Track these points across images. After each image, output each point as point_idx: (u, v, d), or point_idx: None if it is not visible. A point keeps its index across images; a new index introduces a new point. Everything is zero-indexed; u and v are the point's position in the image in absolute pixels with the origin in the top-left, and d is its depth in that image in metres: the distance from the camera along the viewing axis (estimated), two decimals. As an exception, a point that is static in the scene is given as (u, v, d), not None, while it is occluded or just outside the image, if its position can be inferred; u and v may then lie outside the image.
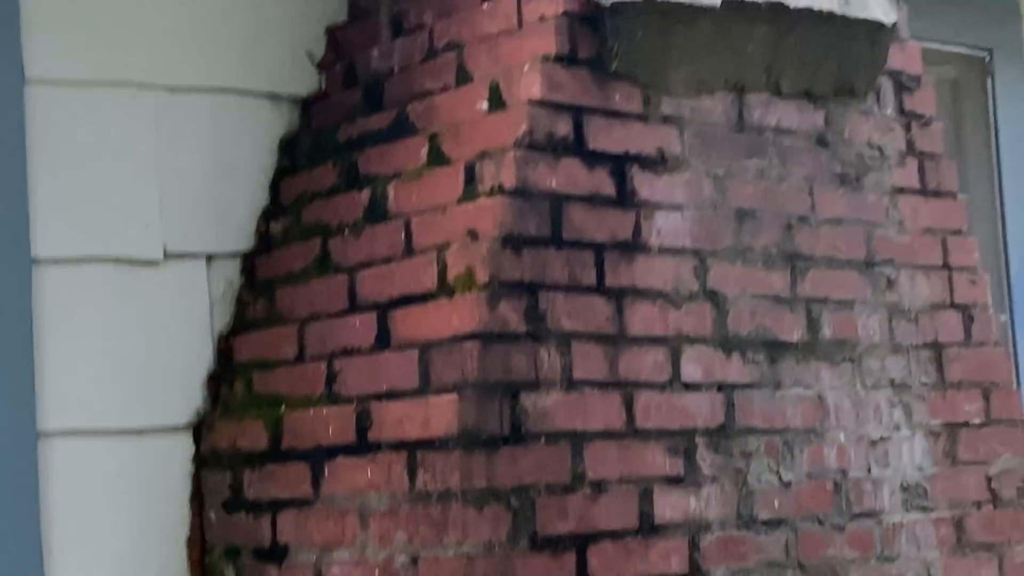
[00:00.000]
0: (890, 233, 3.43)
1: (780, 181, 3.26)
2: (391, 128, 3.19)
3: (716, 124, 3.17)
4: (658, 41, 3.06)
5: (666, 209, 3.04)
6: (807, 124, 3.34)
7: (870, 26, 3.40)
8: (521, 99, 2.92)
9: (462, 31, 3.17)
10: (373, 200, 3.11)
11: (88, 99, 3.18)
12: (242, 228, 3.36)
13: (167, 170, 3.26)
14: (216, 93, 3.36)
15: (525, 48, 2.99)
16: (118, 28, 3.24)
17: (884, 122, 3.49)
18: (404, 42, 3.31)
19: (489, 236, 2.82)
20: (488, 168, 2.89)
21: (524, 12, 3.04)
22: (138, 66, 3.25)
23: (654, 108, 3.07)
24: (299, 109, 3.49)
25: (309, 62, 3.51)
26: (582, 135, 2.95)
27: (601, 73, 3.01)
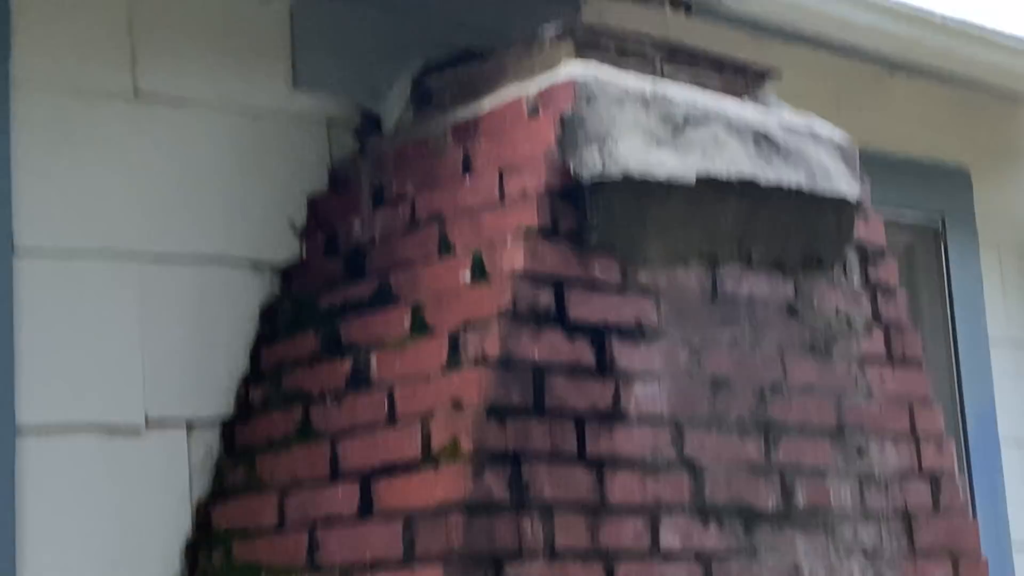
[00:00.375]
0: (859, 401, 3.50)
1: (753, 350, 3.34)
2: (374, 297, 3.25)
3: (691, 294, 3.26)
4: (635, 216, 3.16)
5: (644, 378, 3.10)
6: (778, 294, 3.43)
7: (836, 201, 3.52)
8: (504, 271, 3.00)
9: (444, 203, 3.25)
10: (356, 368, 3.16)
11: (74, 268, 3.22)
12: (222, 395, 3.39)
13: (150, 337, 3.30)
14: (199, 261, 3.41)
15: (508, 221, 3.07)
16: (105, 197, 3.30)
17: (851, 292, 3.59)
18: (386, 212, 3.39)
19: (473, 406, 2.86)
20: (472, 338, 2.94)
21: (507, 186, 3.13)
22: (124, 235, 3.30)
23: (632, 279, 3.15)
24: (280, 277, 3.54)
25: (291, 231, 3.57)
26: (563, 306, 3.02)
27: (581, 246, 3.09)
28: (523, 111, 3.25)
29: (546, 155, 3.09)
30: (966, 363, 5.27)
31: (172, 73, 3.44)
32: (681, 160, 3.23)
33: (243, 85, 3.56)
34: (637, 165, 3.12)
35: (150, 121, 3.40)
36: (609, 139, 3.13)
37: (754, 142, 3.41)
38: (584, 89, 3.16)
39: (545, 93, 3.22)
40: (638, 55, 3.49)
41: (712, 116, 3.37)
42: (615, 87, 3.22)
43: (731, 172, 3.29)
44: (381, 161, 3.55)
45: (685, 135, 3.29)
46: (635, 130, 3.19)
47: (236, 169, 3.52)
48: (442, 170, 3.33)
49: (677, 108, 3.31)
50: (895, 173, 5.05)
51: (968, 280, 5.36)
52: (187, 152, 3.45)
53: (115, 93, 3.35)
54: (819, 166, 3.52)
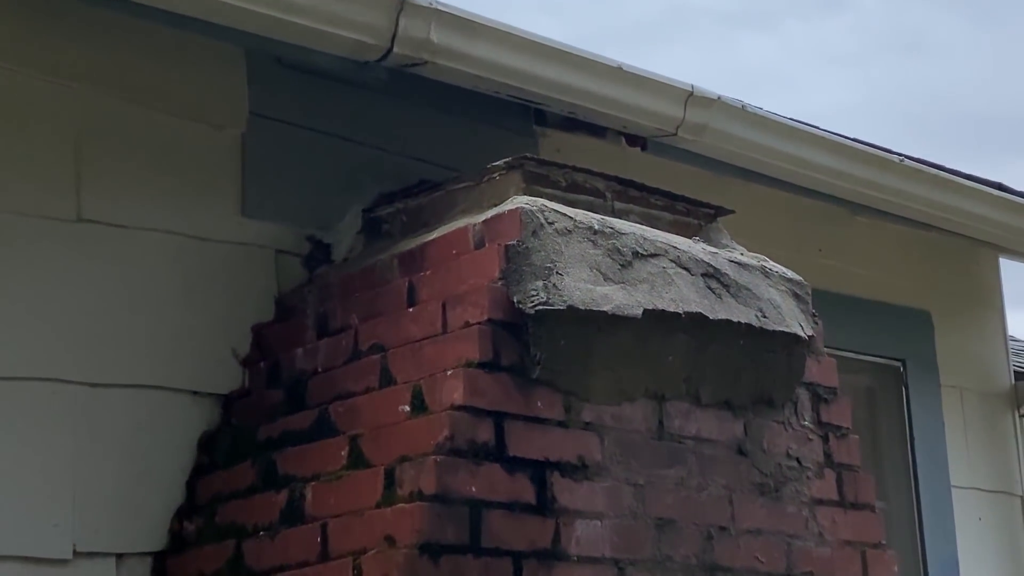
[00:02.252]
0: (810, 545, 3.43)
1: (700, 490, 3.27)
2: (312, 428, 3.18)
3: (636, 432, 3.19)
4: (580, 349, 3.11)
5: (586, 517, 3.03)
6: (726, 433, 3.37)
7: (787, 339, 3.48)
8: (443, 403, 2.94)
9: (387, 334, 3.20)
10: (291, 501, 3.08)
11: (7, 394, 3.15)
12: (155, 527, 3.30)
13: (83, 466, 3.22)
14: (137, 389, 3.35)
15: (449, 353, 3.02)
16: (42, 322, 3.24)
17: (802, 433, 3.53)
18: (329, 343, 3.34)
19: (406, 543, 2.78)
20: (408, 472, 2.88)
21: (449, 318, 3.08)
22: (60, 362, 3.24)
23: (575, 415, 3.09)
24: (221, 406, 3.47)
25: (233, 360, 3.51)
26: (503, 441, 2.96)
27: (523, 380, 3.04)
28: (469, 242, 3.22)
29: (489, 287, 3.05)
30: (928, 508, 5.19)
31: (118, 198, 3.41)
32: (628, 295, 3.19)
33: (191, 212, 3.53)
34: (583, 299, 3.08)
35: (94, 245, 3.35)
36: (555, 272, 3.09)
37: (704, 278, 3.38)
38: (531, 220, 3.13)
39: (491, 224, 3.19)
40: (588, 190, 3.47)
41: (662, 251, 3.34)
42: (563, 219, 3.19)
43: (679, 308, 3.25)
44: (327, 290, 3.51)
45: (633, 269, 3.26)
46: (582, 263, 3.16)
47: (180, 297, 3.47)
48: (387, 300, 3.29)
49: (626, 242, 3.28)
50: (856, 314, 5.03)
51: (930, 423, 5.31)
52: (130, 279, 3.40)
53: (59, 216, 3.31)
54: (770, 304, 3.49)
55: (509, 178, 3.35)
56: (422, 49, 3.50)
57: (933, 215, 4.92)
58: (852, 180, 4.61)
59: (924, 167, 4.79)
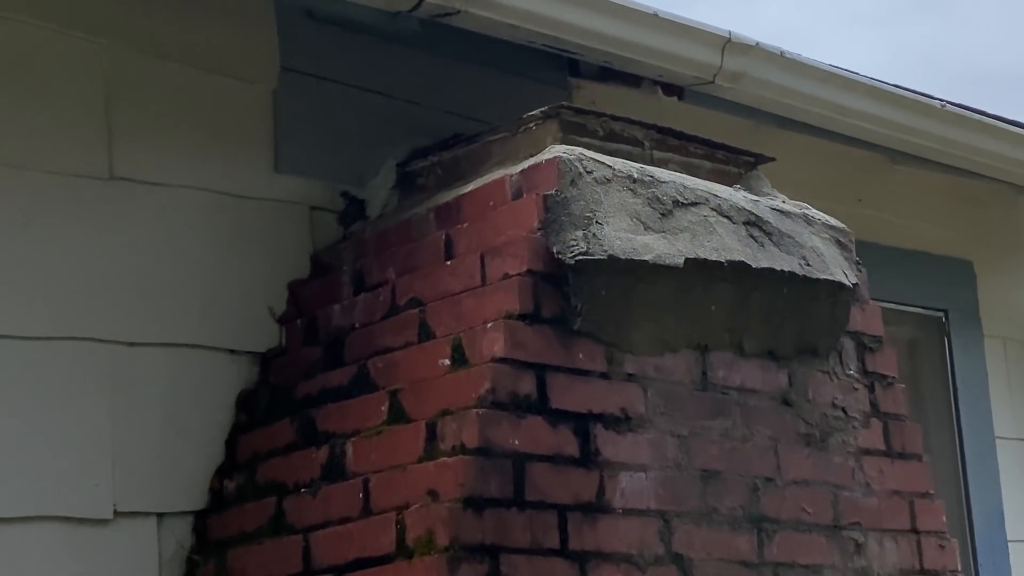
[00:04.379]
0: (856, 496, 3.38)
1: (745, 441, 3.22)
2: (351, 384, 3.14)
3: (680, 383, 3.14)
4: (621, 300, 3.06)
5: (630, 469, 2.98)
6: (771, 384, 3.31)
7: (831, 287, 3.42)
8: (484, 357, 2.89)
9: (425, 288, 3.15)
10: (331, 458, 3.04)
11: (44, 354, 3.12)
12: (195, 486, 3.27)
13: (121, 426, 3.19)
14: (174, 348, 3.31)
15: (488, 306, 2.97)
16: (77, 282, 3.20)
17: (847, 383, 3.47)
18: (366, 298, 3.29)
19: (450, 497, 2.74)
20: (450, 426, 2.83)
21: (488, 270, 3.03)
22: (96, 321, 3.20)
23: (617, 367, 3.04)
24: (258, 364, 3.43)
25: (270, 317, 3.47)
26: (545, 394, 2.91)
27: (564, 331, 2.99)
28: (506, 193, 3.16)
29: (529, 237, 3.00)
30: (972, 460, 5.14)
31: (150, 155, 3.37)
32: (669, 244, 3.13)
33: (224, 169, 3.48)
34: (623, 248, 3.03)
35: (126, 204, 3.31)
36: (594, 221, 3.04)
37: (745, 226, 3.32)
38: (569, 169, 3.08)
39: (528, 174, 3.14)
40: (627, 139, 3.41)
41: (702, 200, 3.28)
42: (601, 168, 3.13)
43: (721, 256, 3.19)
44: (363, 246, 3.47)
45: (674, 218, 3.20)
46: (621, 212, 3.10)
47: (215, 255, 3.43)
48: (423, 254, 3.24)
49: (666, 191, 3.22)
50: (896, 265, 4.96)
51: (973, 374, 5.24)
52: (164, 237, 3.36)
53: (90, 175, 3.27)
54: (813, 251, 3.42)
55: (545, 128, 3.29)
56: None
57: (974, 161, 4.83)
58: (892, 126, 4.52)
59: (965, 112, 4.70)
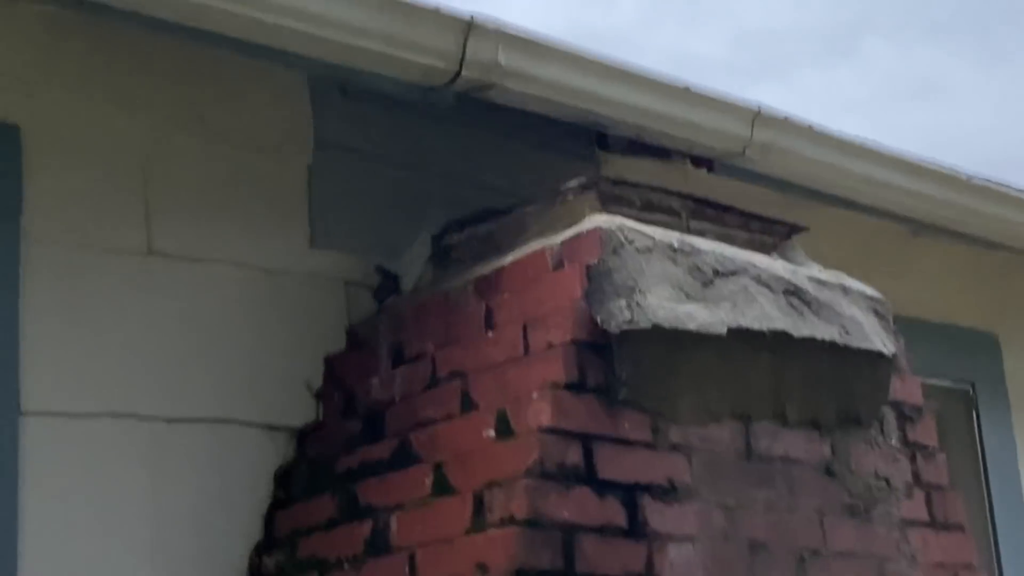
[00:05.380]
0: (902, 567, 3.33)
1: (790, 512, 3.18)
2: (393, 457, 3.11)
3: (724, 453, 3.12)
4: (665, 369, 3.04)
5: (678, 541, 2.95)
6: (814, 454, 3.28)
7: (871, 357, 3.40)
8: (531, 427, 2.87)
9: (466, 359, 3.13)
10: (375, 532, 3.01)
11: (83, 430, 3.10)
12: (234, 563, 3.23)
13: (160, 502, 3.16)
14: (212, 424, 3.29)
15: (533, 376, 2.95)
16: (116, 357, 3.19)
17: (889, 453, 3.44)
18: (405, 371, 3.27)
19: (500, 569, 2.71)
20: (498, 497, 2.80)
21: (531, 340, 3.02)
22: (134, 396, 3.19)
23: (662, 436, 3.02)
24: (295, 439, 3.41)
25: (307, 392, 3.45)
26: (592, 464, 2.88)
27: (609, 401, 2.96)
28: (547, 263, 3.15)
29: (572, 307, 2.98)
30: (1003, 532, 5.09)
31: (187, 230, 3.37)
32: (711, 313, 3.12)
33: (260, 244, 3.48)
34: (667, 317, 3.02)
35: (164, 279, 3.30)
36: (637, 291, 3.03)
37: (785, 296, 3.31)
38: (611, 239, 3.07)
39: (570, 244, 3.13)
40: (663, 209, 3.41)
41: (741, 269, 3.27)
42: (642, 238, 3.13)
43: (763, 325, 3.18)
44: (400, 319, 3.45)
45: (715, 288, 3.19)
46: (664, 282, 3.09)
47: (252, 329, 3.42)
48: (463, 325, 3.22)
49: (706, 260, 3.21)
50: (922, 338, 4.92)
51: (1001, 446, 5.20)
52: (201, 311, 3.35)
53: (129, 249, 3.26)
54: (852, 321, 3.41)
55: (583, 199, 3.29)
56: (490, 72, 3.45)
57: (1000, 232, 4.83)
58: (919, 198, 4.53)
59: (991, 184, 4.70)
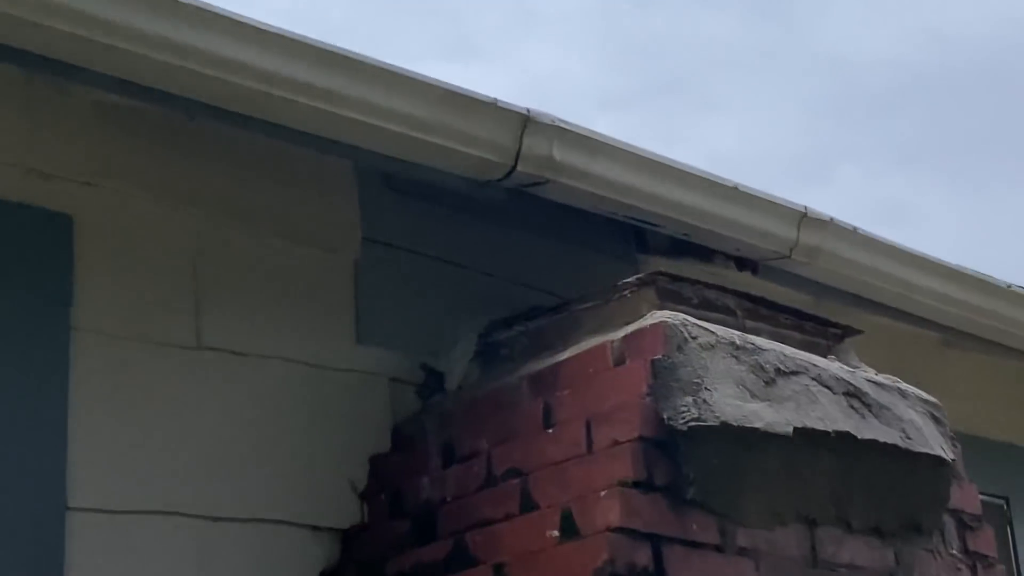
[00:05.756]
0: (967, 678, 3.23)
1: (856, 620, 3.09)
2: (449, 559, 3.02)
3: (791, 559, 3.03)
4: (732, 469, 2.96)
5: (747, 647, 2.85)
6: (878, 562, 3.19)
7: (932, 462, 3.32)
8: (598, 526, 2.78)
9: (524, 457, 3.05)
10: (433, 636, 2.90)
11: (129, 529, 2.99)
12: (281, 667, 3.12)
13: (205, 603, 3.05)
14: (258, 524, 3.19)
15: (598, 474, 2.87)
16: (163, 454, 3.09)
17: (951, 562, 3.36)
18: (458, 470, 3.19)
19: (570, 674, 2.60)
20: (567, 600, 2.71)
21: (595, 437, 2.94)
22: (181, 495, 3.09)
23: (730, 539, 2.93)
24: (340, 541, 3.30)
25: (352, 492, 3.35)
26: (662, 566, 2.79)
27: (677, 501, 2.88)
28: (608, 358, 3.08)
29: (638, 403, 2.91)
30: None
31: (236, 324, 3.29)
32: (776, 412, 3.05)
33: (307, 339, 3.40)
34: (734, 415, 2.94)
35: (212, 373, 3.22)
36: (703, 387, 2.96)
37: (846, 397, 3.24)
38: (675, 335, 3.00)
39: (632, 339, 3.06)
40: (719, 307, 3.35)
41: (802, 369, 3.21)
42: (705, 334, 3.06)
43: (828, 426, 3.10)
44: (449, 417, 3.37)
45: (777, 387, 3.12)
46: (728, 379, 3.02)
47: (297, 426, 3.33)
48: (520, 422, 3.14)
49: (768, 359, 3.15)
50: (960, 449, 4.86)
51: (1036, 561, 5.11)
52: (248, 407, 3.26)
53: (178, 343, 3.18)
54: (911, 425, 3.34)
55: (641, 295, 3.23)
56: (544, 167, 3.40)
57: (1037, 343, 4.78)
58: (957, 305, 4.48)
59: (1028, 292, 4.66)
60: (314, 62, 3.01)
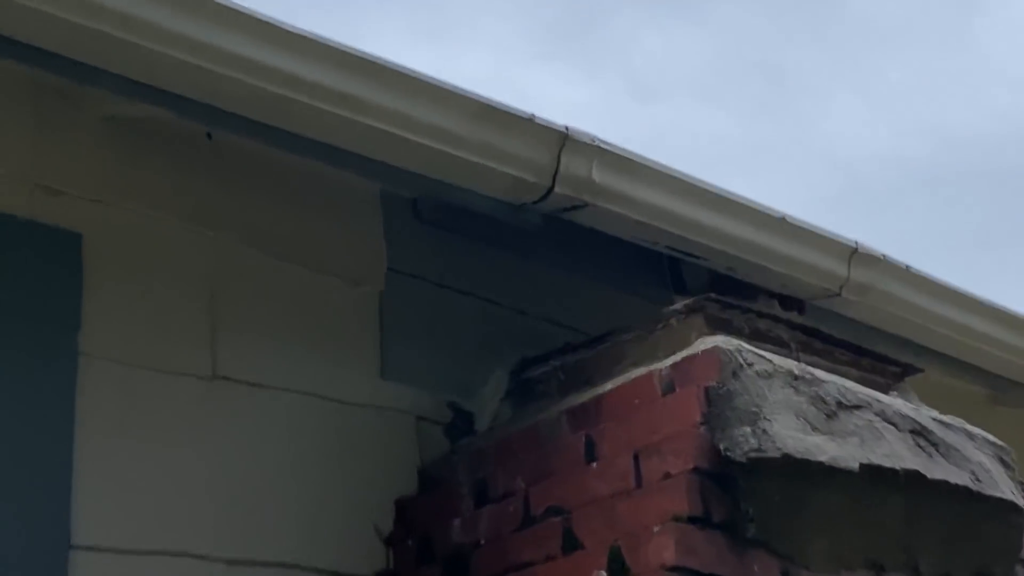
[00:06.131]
0: None
1: (928, 676, 2.83)
2: (485, 604, 2.77)
3: (858, 607, 2.77)
4: (794, 506, 2.72)
5: None
6: (949, 613, 2.94)
7: (1003, 507, 3.08)
8: (651, 565, 2.54)
9: (565, 494, 2.82)
10: None
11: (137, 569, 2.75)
12: None
13: (216, 652, 2.79)
14: (276, 568, 2.95)
15: (649, 509, 2.63)
16: (173, 490, 2.86)
17: (1025, 616, 3.10)
18: (492, 511, 2.95)
19: None
20: (617, 646, 2.46)
21: (644, 470, 2.70)
22: (192, 535, 2.85)
23: (794, 583, 2.68)
24: (364, 588, 3.06)
25: (376, 536, 3.11)
26: (721, 610, 2.54)
27: (736, 539, 2.64)
28: (655, 388, 2.85)
29: (692, 433, 2.68)
30: None
31: (254, 353, 3.07)
32: (840, 447, 2.81)
33: (328, 372, 3.18)
34: (796, 447, 2.70)
35: (227, 406, 2.99)
36: (761, 417, 2.72)
37: (912, 435, 3.00)
38: (730, 361, 2.78)
39: (682, 367, 2.83)
40: (772, 339, 3.12)
41: (865, 403, 2.97)
42: (762, 362, 2.83)
43: (895, 464, 2.86)
44: (481, 456, 3.13)
45: (839, 421, 2.88)
46: (787, 410, 2.79)
47: (318, 465, 3.09)
48: (559, 458, 2.91)
49: (828, 391, 2.92)
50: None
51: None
52: (265, 443, 3.03)
53: (192, 372, 2.96)
54: (980, 467, 3.09)
55: (690, 323, 3.00)
56: (583, 189, 3.19)
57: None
58: (1014, 352, 4.26)
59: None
60: (342, 67, 2.81)
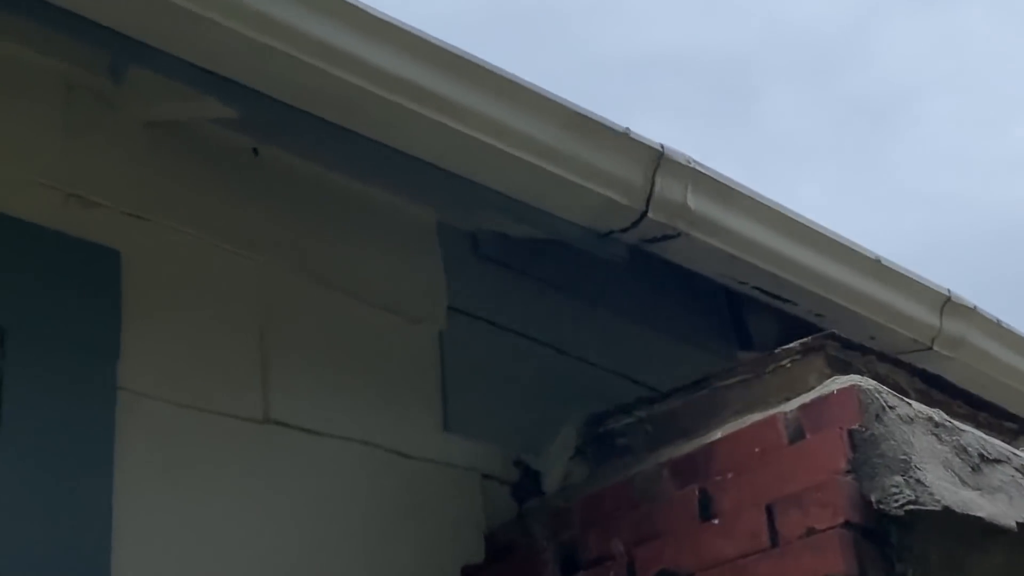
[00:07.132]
0: None
1: None
2: None
3: None
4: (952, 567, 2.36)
5: None
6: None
7: None
8: (806, 638, 2.15)
9: (680, 556, 2.44)
10: None
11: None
12: None
13: None
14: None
15: (792, 571, 2.26)
16: (218, 540, 2.47)
17: None
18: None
19: None
20: None
21: (780, 526, 2.33)
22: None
23: (954, 658, 2.31)
24: (434, 663, 2.65)
25: (444, 615, 2.72)
26: None
27: (892, 607, 2.26)
28: (780, 434, 2.49)
29: (837, 483, 2.31)
30: None
31: (307, 397, 2.68)
32: (991, 503, 2.45)
33: (387, 420, 2.80)
34: (955, 501, 2.35)
35: (280, 453, 2.61)
36: (912, 466, 2.36)
37: (1055, 492, 2.65)
38: (872, 402, 2.42)
39: (814, 409, 2.47)
40: (890, 385, 2.76)
41: (1004, 457, 2.63)
42: (902, 404, 2.49)
43: (1052, 523, 2.51)
44: (562, 517, 2.75)
45: (984, 475, 2.53)
46: (935, 460, 2.44)
47: (377, 525, 2.71)
48: (666, 517, 2.54)
49: (970, 442, 2.57)
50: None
51: None
52: (320, 498, 2.64)
53: (242, 414, 2.57)
54: (1120, 530, 2.74)
55: (808, 364, 2.65)
56: (677, 216, 2.85)
57: None
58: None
59: None
60: (428, 61, 2.47)
